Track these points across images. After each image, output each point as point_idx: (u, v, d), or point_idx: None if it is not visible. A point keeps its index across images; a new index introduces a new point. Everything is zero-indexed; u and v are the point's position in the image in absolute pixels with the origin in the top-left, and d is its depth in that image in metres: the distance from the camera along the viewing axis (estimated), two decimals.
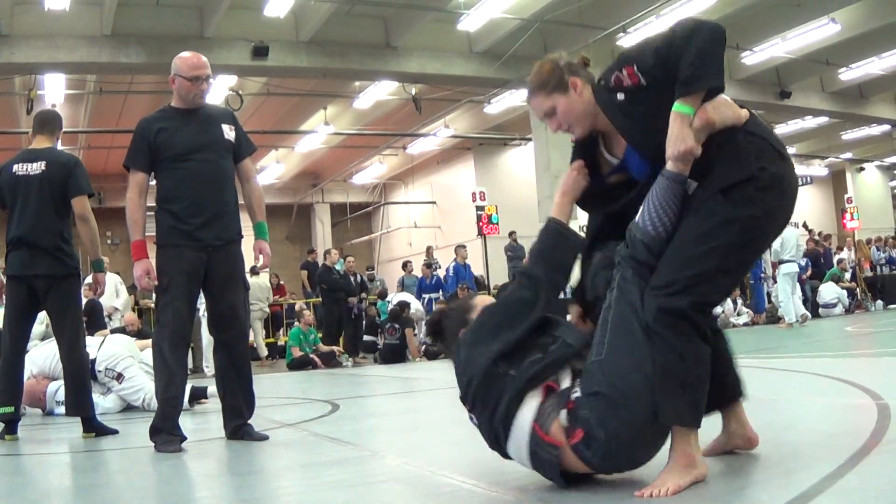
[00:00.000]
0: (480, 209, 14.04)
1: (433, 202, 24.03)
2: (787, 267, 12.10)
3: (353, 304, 12.73)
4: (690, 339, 2.20)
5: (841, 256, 17.82)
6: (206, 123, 4.01)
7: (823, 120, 20.48)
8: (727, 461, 2.52)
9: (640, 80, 2.30)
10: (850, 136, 22.67)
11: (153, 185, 4.04)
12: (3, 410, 4.35)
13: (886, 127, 21.76)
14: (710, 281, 2.24)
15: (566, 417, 2.23)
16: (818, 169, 26.33)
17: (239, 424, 3.95)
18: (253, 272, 11.80)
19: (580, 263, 2.57)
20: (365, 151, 22.03)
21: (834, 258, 17.72)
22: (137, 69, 13.13)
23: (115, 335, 6.24)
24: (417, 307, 12.92)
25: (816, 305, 15.41)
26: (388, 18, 13.87)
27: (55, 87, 13.90)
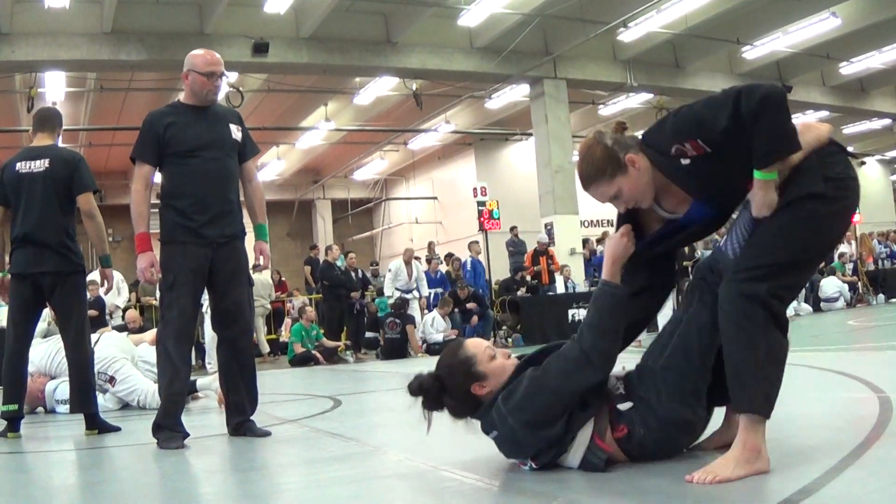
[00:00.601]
0: (482, 204, 14.01)
1: (434, 198, 24.04)
2: None
3: (354, 299, 12.75)
4: (767, 328, 2.25)
5: (842, 250, 17.78)
6: (214, 121, 4.01)
7: (824, 114, 20.41)
8: None
9: (705, 150, 2.31)
10: (851, 130, 22.62)
11: (156, 181, 4.04)
12: (7, 408, 4.36)
13: (887, 121, 21.76)
14: (787, 272, 2.30)
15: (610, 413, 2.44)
16: None
17: (241, 421, 3.95)
18: (255, 269, 11.78)
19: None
20: (366, 147, 22.03)
21: (835, 252, 17.68)
22: (138, 66, 13.11)
23: (109, 335, 6.15)
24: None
25: (818, 299, 15.40)
26: (388, 14, 13.86)
27: (55, 84, 13.88)
